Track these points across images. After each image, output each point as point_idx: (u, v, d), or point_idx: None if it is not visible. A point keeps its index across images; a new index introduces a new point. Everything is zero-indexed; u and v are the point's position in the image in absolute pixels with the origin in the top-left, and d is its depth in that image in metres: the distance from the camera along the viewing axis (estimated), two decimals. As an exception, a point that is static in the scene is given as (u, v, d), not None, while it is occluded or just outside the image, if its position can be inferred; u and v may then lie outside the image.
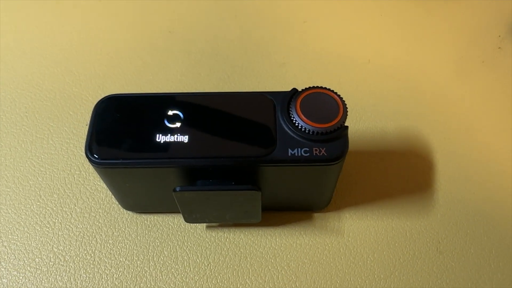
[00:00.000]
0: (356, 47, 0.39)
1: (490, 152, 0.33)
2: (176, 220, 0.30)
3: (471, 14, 0.41)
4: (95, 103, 0.35)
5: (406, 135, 0.34)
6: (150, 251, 0.29)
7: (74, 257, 0.28)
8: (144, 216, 0.30)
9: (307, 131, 0.24)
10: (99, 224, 0.30)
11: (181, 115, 0.25)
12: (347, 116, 0.24)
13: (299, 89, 0.25)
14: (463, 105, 0.35)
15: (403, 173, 0.32)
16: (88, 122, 0.30)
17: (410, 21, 0.40)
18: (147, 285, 0.28)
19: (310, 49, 0.38)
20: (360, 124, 0.34)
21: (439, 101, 0.35)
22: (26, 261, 0.28)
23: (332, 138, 0.24)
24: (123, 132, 0.24)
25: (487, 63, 0.38)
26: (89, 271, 0.28)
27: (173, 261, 0.28)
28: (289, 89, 0.26)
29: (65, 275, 0.28)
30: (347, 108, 0.25)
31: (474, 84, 0.36)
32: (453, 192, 0.31)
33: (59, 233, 0.29)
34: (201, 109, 0.25)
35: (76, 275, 0.28)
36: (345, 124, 0.24)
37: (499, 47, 0.38)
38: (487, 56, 0.38)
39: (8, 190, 0.31)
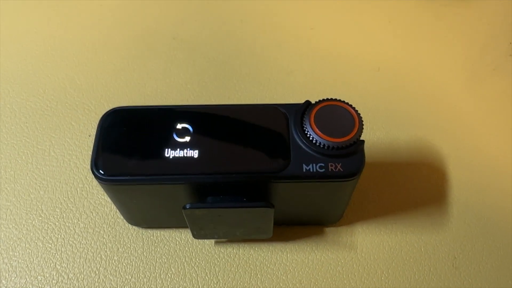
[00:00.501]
0: (365, 54, 0.38)
1: (504, 162, 0.32)
2: (183, 236, 0.29)
3: (482, 22, 0.40)
4: (98, 112, 0.34)
5: (417, 146, 0.33)
6: (157, 268, 0.28)
7: (78, 275, 0.27)
8: (150, 231, 0.29)
9: (322, 146, 0.23)
10: (104, 240, 0.29)
11: (191, 128, 0.24)
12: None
13: (312, 101, 0.24)
14: (474, 113, 0.34)
15: (416, 185, 0.31)
16: (92, 133, 0.29)
17: (420, 28, 0.40)
18: (154, 304, 0.27)
19: (318, 57, 0.38)
20: (370, 134, 0.33)
21: (451, 110, 0.35)
22: (28, 279, 0.27)
23: (348, 153, 0.23)
24: (130, 147, 0.23)
25: (498, 70, 0.37)
26: (94, 289, 0.27)
27: (181, 278, 0.27)
28: (297, 98, 0.25)
29: (68, 294, 0.27)
30: (363, 121, 0.24)
31: (486, 92, 0.36)
32: (468, 204, 0.30)
33: (62, 250, 0.28)
34: (211, 122, 0.24)
35: (80, 293, 0.27)
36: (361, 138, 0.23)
37: (510, 54, 0.38)
38: (498, 64, 0.37)
39: (9, 204, 0.30)
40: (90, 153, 0.29)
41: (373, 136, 0.33)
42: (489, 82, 0.36)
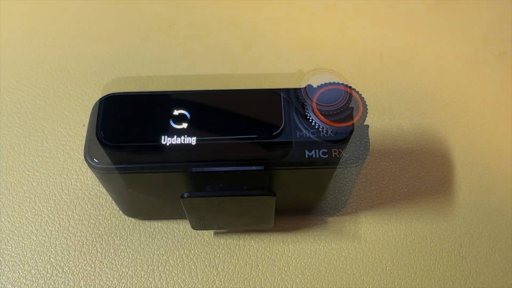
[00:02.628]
0: (366, 40, 0.37)
1: (511, 149, 0.31)
2: (182, 227, 0.28)
3: (485, 6, 0.39)
4: (92, 101, 0.33)
5: (421, 133, 0.32)
6: (154, 260, 0.27)
7: (73, 268, 0.27)
8: (147, 223, 0.28)
9: (325, 131, 0.22)
10: (99, 232, 0.28)
11: (188, 115, 0.23)
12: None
13: (314, 85, 0.24)
14: (480, 100, 0.34)
15: (421, 173, 0.30)
16: (86, 123, 0.29)
17: (422, 13, 0.39)
18: (152, 297, 0.26)
19: (318, 43, 0.37)
20: (373, 121, 0.32)
21: (455, 96, 0.34)
22: (21, 273, 0.26)
23: (352, 138, 0.22)
24: (125, 134, 0.22)
25: (503, 55, 0.36)
26: (89, 283, 0.26)
27: (180, 271, 0.27)
28: (296, 85, 0.24)
29: (63, 288, 0.26)
30: (367, 105, 0.23)
31: (490, 77, 0.35)
32: (474, 192, 0.29)
33: (56, 242, 0.27)
34: (209, 108, 0.23)
35: (75, 287, 0.26)
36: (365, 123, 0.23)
37: (515, 39, 0.37)
38: (503, 49, 0.36)
39: (1, 196, 0.29)
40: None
41: (376, 123, 0.32)
42: (494, 68, 0.35)
